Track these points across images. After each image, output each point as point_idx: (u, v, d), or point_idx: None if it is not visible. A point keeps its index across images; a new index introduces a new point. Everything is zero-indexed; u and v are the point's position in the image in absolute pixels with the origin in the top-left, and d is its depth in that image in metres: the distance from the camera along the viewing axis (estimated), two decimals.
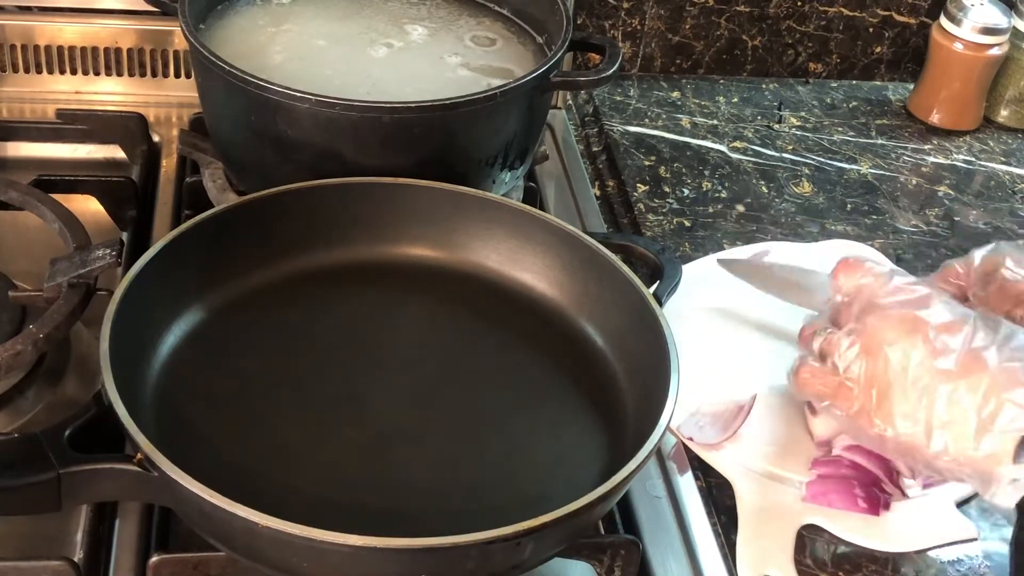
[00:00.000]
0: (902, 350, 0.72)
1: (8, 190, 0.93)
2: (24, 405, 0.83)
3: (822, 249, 1.06)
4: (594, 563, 0.74)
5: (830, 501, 0.81)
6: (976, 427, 0.70)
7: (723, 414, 0.86)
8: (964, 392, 0.70)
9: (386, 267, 0.90)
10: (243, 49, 0.98)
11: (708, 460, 0.85)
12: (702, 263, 1.02)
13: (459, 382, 0.82)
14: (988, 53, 1.26)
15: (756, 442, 0.85)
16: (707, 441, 0.85)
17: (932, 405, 0.71)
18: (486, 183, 0.96)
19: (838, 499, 0.81)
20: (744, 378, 0.90)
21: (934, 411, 0.71)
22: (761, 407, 0.86)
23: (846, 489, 0.81)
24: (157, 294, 0.79)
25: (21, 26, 1.15)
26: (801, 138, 1.26)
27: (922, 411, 0.71)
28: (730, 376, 0.90)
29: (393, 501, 0.72)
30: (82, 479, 0.65)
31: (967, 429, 0.70)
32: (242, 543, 0.66)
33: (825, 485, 0.81)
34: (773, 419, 0.87)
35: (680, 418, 0.86)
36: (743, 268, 0.95)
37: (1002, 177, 1.24)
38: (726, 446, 0.84)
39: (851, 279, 0.77)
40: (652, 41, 1.32)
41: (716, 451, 0.85)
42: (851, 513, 0.81)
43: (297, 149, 0.90)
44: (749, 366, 0.91)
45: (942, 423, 0.71)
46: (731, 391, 0.88)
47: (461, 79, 0.99)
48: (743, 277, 0.93)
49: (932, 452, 0.72)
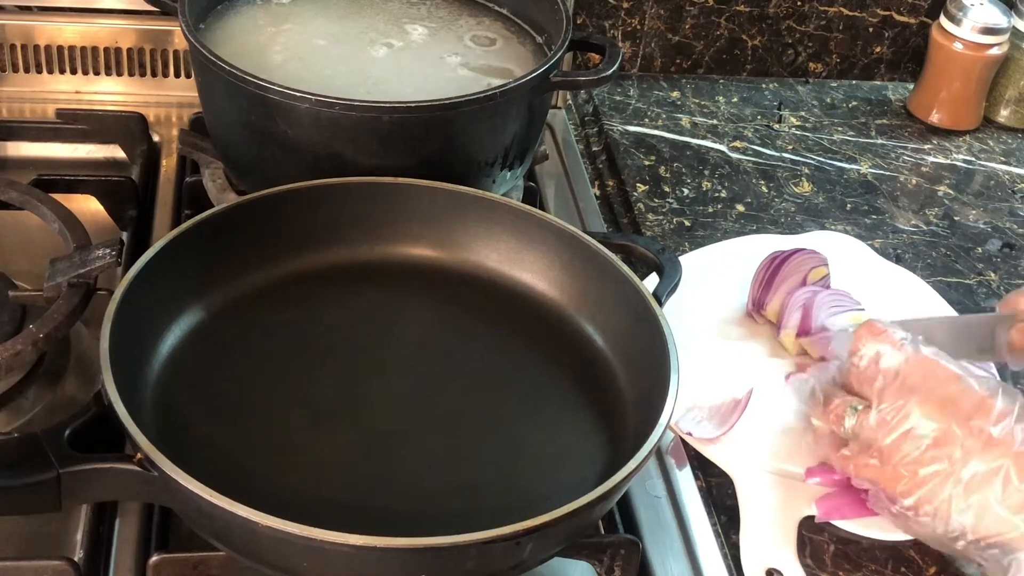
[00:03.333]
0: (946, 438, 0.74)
1: (8, 190, 0.93)
2: (24, 405, 0.83)
3: (811, 240, 1.06)
4: (594, 563, 0.74)
5: (844, 514, 0.81)
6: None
7: (720, 408, 0.87)
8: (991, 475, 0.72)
9: (386, 267, 0.90)
10: (243, 49, 0.98)
11: (707, 455, 0.85)
12: (700, 255, 1.03)
13: (459, 382, 0.82)
14: (988, 53, 1.26)
15: (754, 436, 0.85)
16: (705, 436, 0.85)
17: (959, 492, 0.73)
18: (486, 183, 0.96)
19: (851, 511, 0.80)
20: (740, 372, 0.90)
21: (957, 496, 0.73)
22: (757, 400, 0.87)
23: (856, 499, 0.80)
24: (157, 294, 0.79)
25: (21, 26, 1.15)
26: (801, 138, 1.26)
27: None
28: (726, 370, 0.91)
29: (393, 501, 0.72)
30: (82, 479, 0.65)
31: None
32: (242, 543, 0.66)
33: (836, 500, 0.81)
34: (770, 412, 0.87)
35: (678, 413, 0.86)
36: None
37: (1002, 177, 1.24)
38: (724, 440, 0.85)
39: (872, 346, 0.78)
40: (652, 41, 1.32)
41: (714, 445, 0.85)
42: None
43: (297, 149, 0.90)
44: (745, 360, 0.92)
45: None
46: (728, 385, 0.89)
47: (461, 79, 0.99)
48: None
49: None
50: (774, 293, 0.94)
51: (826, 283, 0.95)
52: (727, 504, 0.82)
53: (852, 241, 1.09)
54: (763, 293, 0.95)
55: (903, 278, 1.04)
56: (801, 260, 0.95)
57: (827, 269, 0.95)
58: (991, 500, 0.72)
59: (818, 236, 1.08)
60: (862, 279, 1.00)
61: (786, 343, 0.93)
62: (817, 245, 1.00)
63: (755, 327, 0.96)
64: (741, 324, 0.96)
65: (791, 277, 0.94)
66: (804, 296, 0.92)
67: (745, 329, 0.95)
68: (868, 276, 1.02)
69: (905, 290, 1.02)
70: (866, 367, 0.77)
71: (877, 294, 0.98)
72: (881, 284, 1.02)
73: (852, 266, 1.02)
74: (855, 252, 1.07)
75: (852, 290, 0.95)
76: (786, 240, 1.05)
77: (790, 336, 0.92)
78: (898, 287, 1.03)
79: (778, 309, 0.94)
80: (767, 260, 0.96)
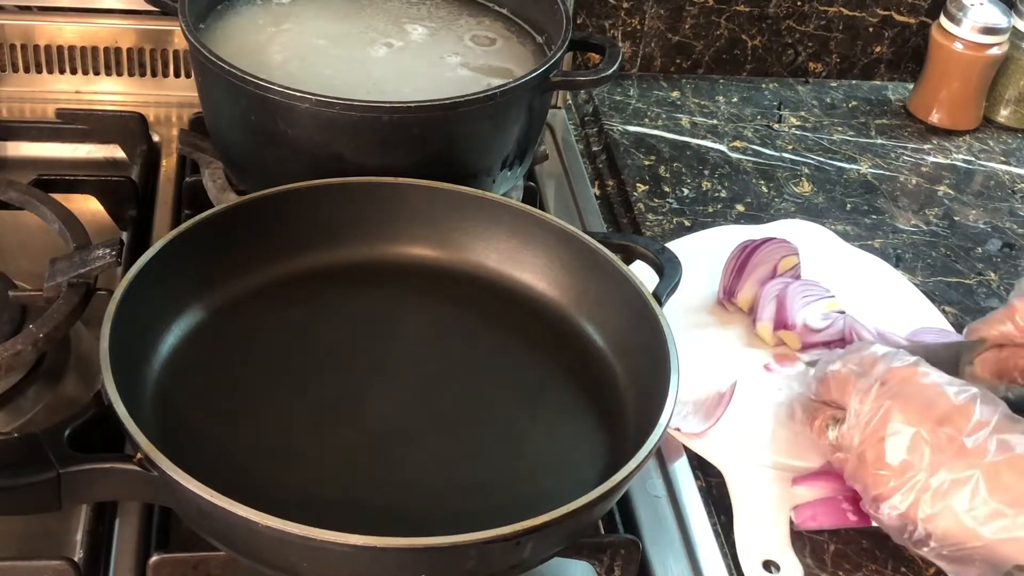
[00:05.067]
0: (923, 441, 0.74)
1: (8, 190, 0.93)
2: (24, 405, 0.83)
3: (776, 228, 1.07)
4: (594, 563, 0.74)
5: (820, 523, 0.81)
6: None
7: (705, 402, 0.87)
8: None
9: (386, 267, 0.90)
10: (243, 49, 0.98)
11: (695, 449, 0.85)
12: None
13: (459, 382, 0.82)
14: (988, 53, 1.26)
15: (740, 428, 0.86)
16: (692, 430, 0.85)
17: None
18: (486, 183, 0.96)
19: (828, 520, 0.81)
20: (719, 363, 0.91)
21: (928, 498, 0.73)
22: (741, 392, 0.87)
23: (833, 508, 0.81)
24: (157, 294, 0.79)
25: (21, 26, 1.15)
26: (801, 138, 1.26)
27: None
28: (705, 361, 0.91)
29: (393, 501, 0.72)
30: (82, 479, 0.65)
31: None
32: (242, 543, 0.66)
33: (812, 509, 0.81)
34: (754, 404, 0.88)
35: None
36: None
37: (1002, 177, 1.24)
38: (711, 434, 0.85)
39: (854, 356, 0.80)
40: (652, 41, 1.32)
41: (701, 439, 0.85)
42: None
43: (297, 149, 0.90)
44: (722, 350, 0.93)
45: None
46: (708, 377, 0.89)
47: (461, 79, 0.99)
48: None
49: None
50: (745, 281, 0.96)
51: (796, 272, 0.97)
52: (727, 504, 0.82)
53: (816, 227, 1.10)
54: (734, 282, 0.96)
55: (868, 263, 1.06)
56: (771, 249, 0.97)
57: (797, 258, 0.97)
58: (958, 509, 0.72)
59: (784, 224, 1.09)
60: (829, 266, 1.02)
61: (763, 335, 0.94)
62: (783, 233, 1.02)
63: (727, 315, 0.97)
64: (712, 312, 0.97)
65: (762, 266, 0.96)
66: (776, 287, 0.94)
67: (716, 317, 0.97)
68: (834, 262, 1.04)
69: (870, 274, 1.04)
70: (843, 379, 0.79)
71: (845, 280, 1.00)
72: (847, 270, 1.03)
73: (818, 253, 1.03)
74: (820, 238, 1.08)
75: (820, 278, 0.97)
76: (751, 230, 1.06)
77: (767, 328, 0.93)
78: (864, 272, 1.04)
79: (750, 299, 0.95)
80: (737, 249, 0.97)
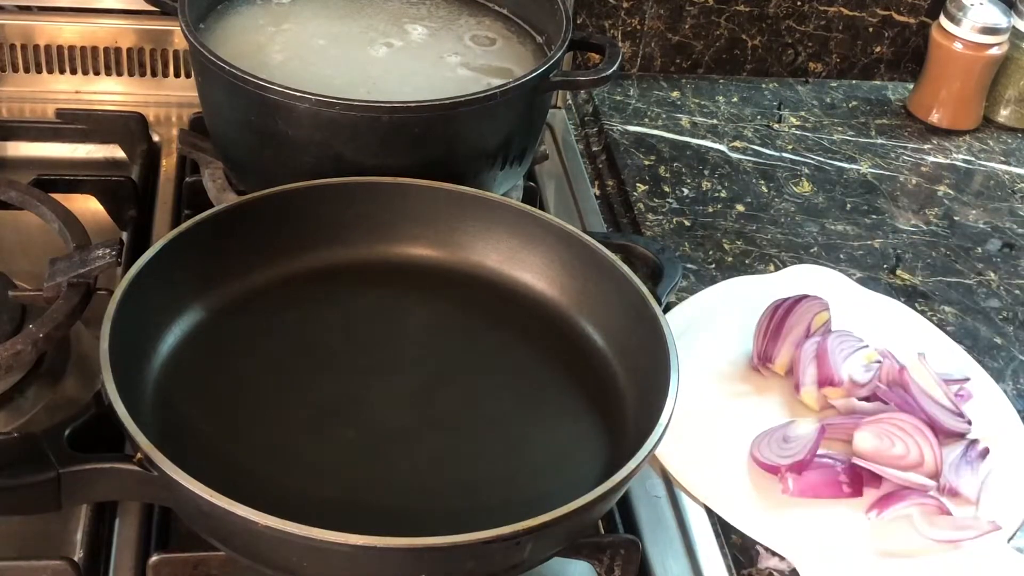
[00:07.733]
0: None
1: (8, 190, 0.93)
2: (24, 405, 0.83)
3: (789, 277, 1.03)
4: (594, 563, 0.74)
5: (816, 492, 0.81)
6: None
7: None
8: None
9: (386, 267, 0.90)
10: (243, 49, 0.98)
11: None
12: (683, 309, 0.98)
13: (459, 382, 0.82)
14: (988, 53, 1.26)
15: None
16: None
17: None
18: (486, 183, 0.96)
19: (824, 488, 0.81)
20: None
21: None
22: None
23: (830, 477, 0.82)
24: (157, 294, 0.79)
25: (21, 26, 1.15)
26: (801, 138, 1.26)
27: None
28: (745, 436, 0.86)
29: (393, 501, 0.72)
30: (82, 479, 0.65)
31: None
32: (242, 543, 0.66)
33: (809, 478, 0.81)
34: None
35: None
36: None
37: (1002, 177, 1.24)
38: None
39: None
40: (652, 41, 1.32)
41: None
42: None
43: (297, 149, 0.90)
44: (765, 421, 0.88)
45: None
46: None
47: (461, 79, 0.99)
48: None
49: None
50: (781, 345, 0.91)
51: (828, 327, 0.92)
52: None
53: (828, 272, 1.05)
54: (770, 346, 0.91)
55: (884, 305, 1.01)
56: (806, 308, 0.92)
57: (828, 313, 0.92)
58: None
59: (795, 272, 1.05)
60: (851, 313, 0.97)
61: (807, 401, 0.89)
62: (795, 282, 0.98)
63: (763, 381, 0.91)
64: (746, 380, 0.91)
65: (797, 327, 0.91)
66: (812, 346, 0.89)
67: (752, 385, 0.91)
68: (854, 309, 0.99)
69: (890, 317, 1.00)
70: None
71: (867, 325, 0.95)
72: (868, 315, 0.99)
73: (837, 301, 0.96)
74: (834, 284, 1.03)
75: (847, 327, 0.92)
76: (764, 281, 1.02)
77: (811, 394, 0.88)
78: (883, 315, 1.00)
79: (787, 362, 0.90)
80: (769, 311, 0.92)
